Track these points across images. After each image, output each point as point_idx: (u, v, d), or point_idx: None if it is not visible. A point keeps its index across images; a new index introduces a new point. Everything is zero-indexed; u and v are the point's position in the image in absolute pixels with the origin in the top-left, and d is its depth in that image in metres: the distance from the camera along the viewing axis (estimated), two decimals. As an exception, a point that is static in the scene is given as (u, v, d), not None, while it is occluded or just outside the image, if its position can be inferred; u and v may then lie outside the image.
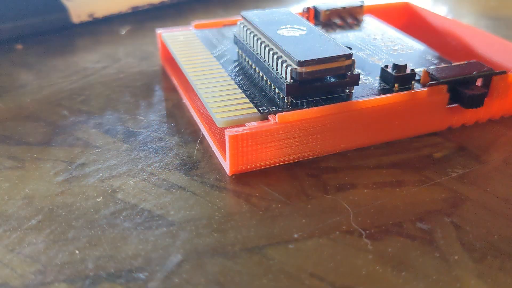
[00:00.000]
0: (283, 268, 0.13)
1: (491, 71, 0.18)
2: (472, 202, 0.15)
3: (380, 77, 0.19)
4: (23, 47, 0.26)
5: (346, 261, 0.13)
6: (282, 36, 0.18)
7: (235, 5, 0.33)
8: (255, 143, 0.16)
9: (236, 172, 0.16)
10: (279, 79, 0.17)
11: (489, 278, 0.13)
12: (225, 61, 0.20)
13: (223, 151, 0.17)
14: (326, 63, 0.16)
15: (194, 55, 0.20)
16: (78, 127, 0.19)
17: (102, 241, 0.14)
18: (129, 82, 0.23)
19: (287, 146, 0.16)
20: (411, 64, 0.20)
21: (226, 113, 0.16)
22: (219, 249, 0.14)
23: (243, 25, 0.20)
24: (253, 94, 0.18)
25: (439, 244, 0.14)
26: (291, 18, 0.20)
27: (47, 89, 0.22)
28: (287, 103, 0.17)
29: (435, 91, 0.18)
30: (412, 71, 0.18)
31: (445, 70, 0.18)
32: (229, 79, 0.19)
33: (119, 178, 0.16)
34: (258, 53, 0.19)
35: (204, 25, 0.24)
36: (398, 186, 0.16)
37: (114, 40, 0.27)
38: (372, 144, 0.18)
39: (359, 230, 0.14)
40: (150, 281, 0.13)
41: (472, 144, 0.18)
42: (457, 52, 0.23)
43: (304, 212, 0.15)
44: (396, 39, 0.23)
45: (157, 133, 0.19)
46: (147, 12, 0.31)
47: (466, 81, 0.18)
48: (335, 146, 0.17)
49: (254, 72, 0.19)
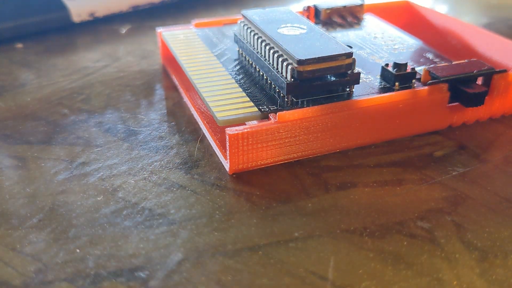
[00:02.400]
0: (284, 267, 0.13)
1: (492, 69, 0.18)
2: (473, 200, 0.15)
3: (381, 76, 0.19)
4: (23, 46, 0.26)
5: (346, 260, 0.13)
6: (282, 35, 0.18)
7: (236, 4, 0.33)
8: (255, 142, 0.16)
9: (236, 171, 0.16)
10: (280, 78, 0.17)
11: (490, 277, 0.13)
12: (225, 60, 0.20)
13: (224, 150, 0.17)
14: (326, 61, 0.16)
15: (194, 54, 0.20)
16: (78, 126, 0.19)
17: (103, 240, 0.14)
18: (129, 81, 0.23)
19: (287, 145, 0.16)
20: (411, 62, 0.20)
21: (226, 111, 0.16)
22: (220, 248, 0.14)
23: (243, 24, 0.20)
24: (253, 93, 0.18)
25: (440, 243, 0.14)
26: (291, 16, 0.20)
27: (47, 88, 0.22)
28: (288, 102, 0.17)
29: (436, 90, 0.18)
30: (412, 70, 0.18)
31: (445, 69, 0.18)
32: (229, 78, 0.19)
33: (119, 177, 0.16)
34: (258, 52, 0.19)
35: (204, 23, 0.24)
36: (398, 185, 0.16)
37: (114, 39, 0.27)
38: (372, 143, 0.18)
39: (360, 228, 0.14)
40: (150, 280, 0.13)
41: (472, 142, 0.18)
42: (458, 50, 0.23)
43: (304, 210, 0.15)
44: (397, 38, 0.23)
45: (157, 132, 0.19)
46: (148, 11, 0.31)
47: (467, 80, 0.18)
48: (335, 145, 0.17)
49: (254, 71, 0.19)
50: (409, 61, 0.20)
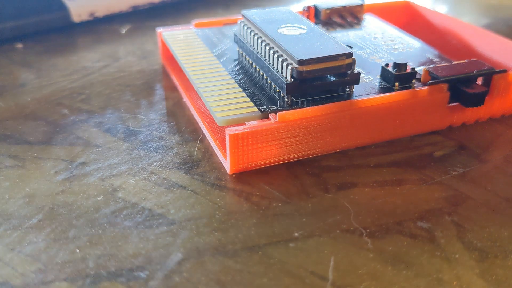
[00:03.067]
0: (284, 267, 0.13)
1: (492, 69, 0.18)
2: (473, 200, 0.15)
3: (381, 76, 0.19)
4: (23, 46, 0.26)
5: (346, 260, 0.13)
6: (282, 35, 0.18)
7: (235, 4, 0.33)
8: (255, 142, 0.16)
9: (236, 171, 0.16)
10: (280, 78, 0.17)
11: (489, 277, 0.13)
12: (225, 60, 0.20)
13: (224, 150, 0.17)
14: (326, 62, 0.16)
15: (194, 54, 0.20)
16: (78, 126, 0.19)
17: (102, 240, 0.14)
18: (129, 81, 0.23)
19: (287, 145, 0.16)
20: (411, 62, 0.20)
21: (226, 112, 0.16)
22: (220, 248, 0.14)
23: (243, 24, 0.20)
24: (253, 93, 0.18)
25: (440, 243, 0.14)
26: (291, 17, 0.20)
27: (47, 88, 0.22)
28: (288, 102, 0.17)
29: (436, 90, 0.18)
30: (412, 70, 0.18)
31: (445, 69, 0.18)
32: (229, 78, 0.19)
33: (119, 177, 0.16)
34: (258, 52, 0.19)
35: (204, 24, 0.24)
36: (398, 185, 0.16)
37: (114, 39, 0.27)
38: (372, 143, 0.18)
39: (360, 228, 0.14)
40: (150, 280, 0.13)
41: (472, 142, 0.18)
42: (458, 50, 0.23)
43: (304, 211, 0.15)
44: (397, 38, 0.23)
45: (157, 132, 0.19)
46: (148, 11, 0.31)
47: (467, 80, 0.18)
48: (335, 145, 0.17)
49: (254, 71, 0.19)
50: (409, 61, 0.20)
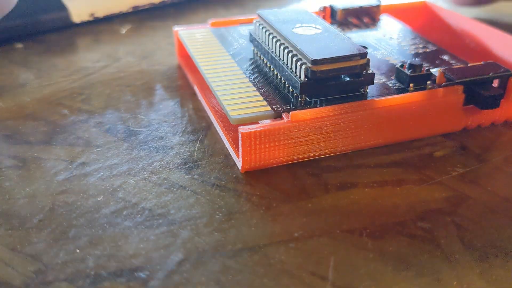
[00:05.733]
0: (284, 267, 0.13)
1: (508, 72, 0.18)
2: (473, 201, 0.15)
3: (396, 77, 0.19)
4: (23, 46, 0.26)
5: (346, 260, 0.13)
6: (297, 34, 0.18)
7: (236, 4, 0.33)
8: (268, 141, 0.16)
9: (248, 169, 0.16)
10: (294, 78, 0.17)
11: (490, 277, 0.13)
12: (240, 59, 0.20)
13: (236, 148, 0.17)
14: (340, 62, 0.16)
15: (210, 53, 0.21)
16: (78, 126, 0.19)
17: (103, 240, 0.14)
18: (129, 81, 0.23)
19: (300, 145, 0.16)
20: (426, 64, 0.20)
21: (240, 110, 0.16)
22: (220, 248, 0.14)
23: (259, 23, 0.20)
24: (267, 92, 0.18)
25: (440, 243, 0.14)
26: (307, 17, 0.20)
27: (47, 88, 0.22)
28: (301, 102, 0.17)
29: (451, 92, 0.18)
30: (427, 71, 0.18)
31: (461, 71, 0.18)
32: (244, 77, 0.19)
33: (119, 177, 0.16)
34: (273, 51, 0.19)
35: (220, 23, 0.24)
36: (398, 185, 0.16)
37: (114, 39, 0.27)
38: (385, 144, 0.18)
39: (360, 229, 0.14)
40: (150, 280, 0.13)
41: (472, 143, 0.18)
42: (474, 52, 0.23)
43: (304, 211, 0.15)
44: (413, 39, 0.22)
45: (157, 132, 0.19)
46: (148, 11, 0.31)
47: (482, 82, 0.18)
48: (348, 146, 0.17)
49: (269, 70, 0.19)
50: (425, 63, 0.20)
